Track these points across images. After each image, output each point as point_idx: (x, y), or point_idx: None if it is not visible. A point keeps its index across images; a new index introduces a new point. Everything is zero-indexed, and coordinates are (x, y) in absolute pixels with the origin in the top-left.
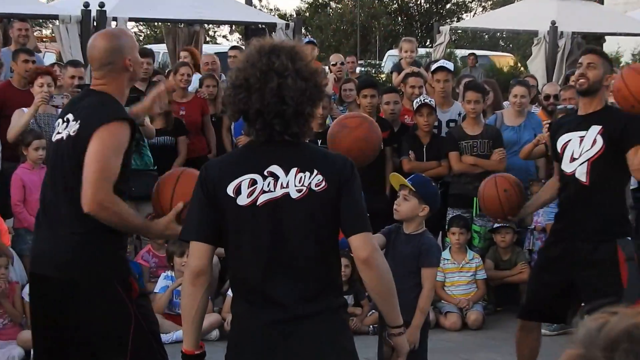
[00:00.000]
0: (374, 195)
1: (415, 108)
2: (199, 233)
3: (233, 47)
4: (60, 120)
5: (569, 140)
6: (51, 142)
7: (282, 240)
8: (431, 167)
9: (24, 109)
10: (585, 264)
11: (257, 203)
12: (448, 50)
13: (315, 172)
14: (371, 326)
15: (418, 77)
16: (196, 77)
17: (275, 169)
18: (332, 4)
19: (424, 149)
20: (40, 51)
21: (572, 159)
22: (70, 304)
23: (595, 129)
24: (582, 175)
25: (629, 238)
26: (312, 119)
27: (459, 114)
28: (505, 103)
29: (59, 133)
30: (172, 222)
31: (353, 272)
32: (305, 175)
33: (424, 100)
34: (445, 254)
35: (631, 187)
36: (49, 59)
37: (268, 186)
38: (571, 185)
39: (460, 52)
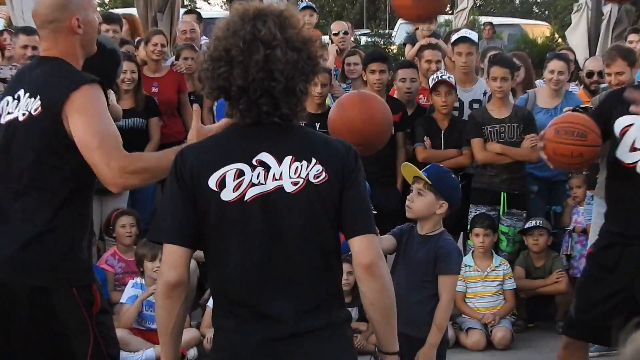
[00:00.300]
0: (383, 190)
1: (431, 86)
2: (174, 234)
3: (188, 12)
4: (8, 99)
5: (631, 125)
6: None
7: (276, 243)
8: (450, 156)
9: None
10: None
11: (245, 198)
12: (471, 17)
13: (314, 161)
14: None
15: (435, 50)
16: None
17: (265, 157)
18: None
19: (442, 134)
20: None
21: (634, 149)
22: (16, 313)
23: None
24: (628, 155)
25: None
26: (305, 97)
27: (484, 93)
28: (538, 81)
29: (9, 114)
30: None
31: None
32: (302, 165)
33: (441, 76)
34: (467, 259)
35: None
36: None
37: (258, 178)
38: (630, 179)
39: (486, 20)
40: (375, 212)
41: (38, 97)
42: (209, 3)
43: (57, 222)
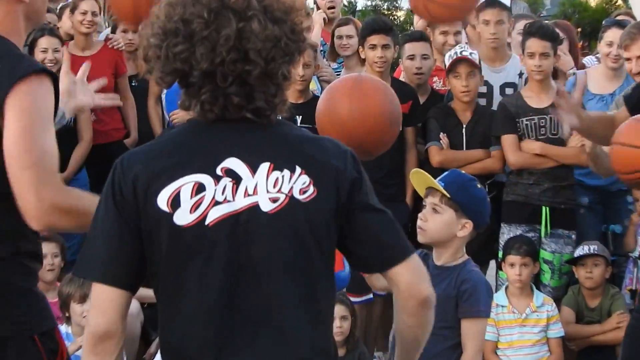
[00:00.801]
0: (388, 204)
1: (448, 66)
2: (105, 270)
3: None
4: None
5: None
6: None
7: (247, 280)
8: (474, 159)
9: None
10: None
11: (207, 221)
12: None
13: (299, 170)
14: None
15: None
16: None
17: (234, 164)
18: None
19: (464, 129)
20: None
21: None
22: None
23: None
24: None
25: None
26: (288, 85)
27: (520, 75)
28: (587, 59)
29: None
30: None
31: (353, 327)
32: (283, 176)
33: (462, 52)
34: (500, 297)
35: None
36: None
37: (223, 193)
38: None
39: None
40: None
41: None
42: None
43: (6, 251)
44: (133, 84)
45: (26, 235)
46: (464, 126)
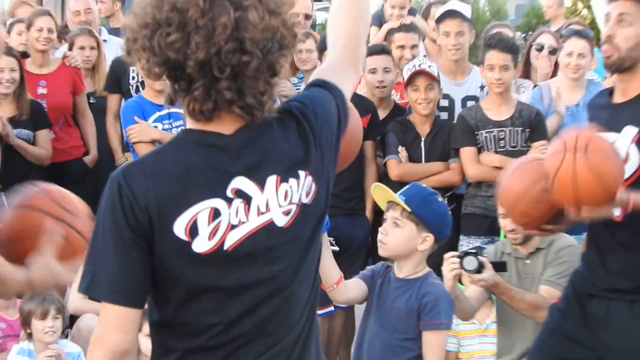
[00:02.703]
0: (348, 218)
1: (406, 79)
2: (126, 293)
3: None
4: None
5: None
6: None
7: (270, 297)
8: (434, 172)
9: None
10: None
11: (225, 247)
12: None
13: (302, 174)
14: None
15: (410, 33)
16: None
17: (242, 183)
18: None
19: (423, 143)
20: None
21: None
22: None
23: (630, 132)
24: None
25: None
26: (276, 79)
27: (481, 88)
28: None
29: None
30: (53, 261)
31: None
32: (290, 187)
33: (420, 65)
34: None
35: None
36: None
37: (237, 215)
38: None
39: None
40: (336, 248)
41: None
42: None
43: None
44: (91, 101)
45: None
46: (423, 139)
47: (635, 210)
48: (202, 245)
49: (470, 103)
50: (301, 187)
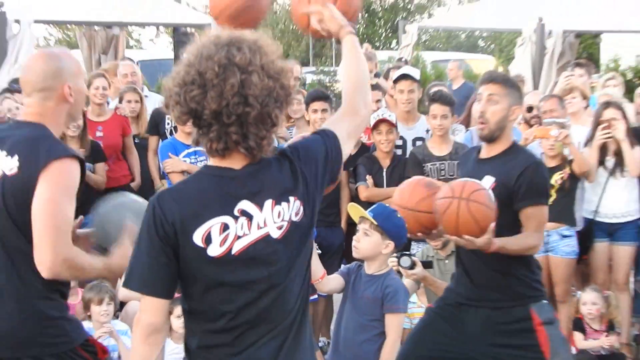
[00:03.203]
0: (328, 229)
1: (372, 125)
2: (154, 286)
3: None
4: None
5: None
6: None
7: (268, 291)
8: (392, 195)
9: None
10: None
11: (233, 252)
12: (415, 53)
13: (292, 199)
14: None
15: (375, 90)
16: None
17: (246, 205)
18: (280, 0)
19: (384, 172)
20: None
21: None
22: None
23: (488, 181)
24: None
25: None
26: (275, 129)
27: (427, 131)
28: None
29: None
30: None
31: None
32: (282, 209)
33: (382, 115)
34: (412, 296)
35: None
36: None
37: (242, 229)
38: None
39: (432, 56)
40: (319, 251)
41: (16, 157)
42: (154, 43)
43: (43, 287)
44: (136, 141)
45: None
46: (384, 170)
47: (501, 252)
48: (214, 250)
49: (418, 143)
50: (291, 209)
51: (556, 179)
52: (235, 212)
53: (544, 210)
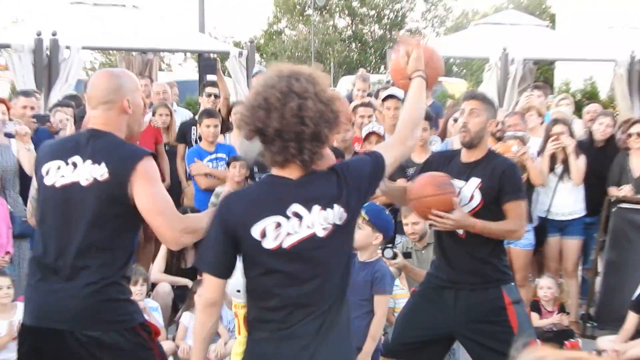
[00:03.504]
0: None
1: (364, 136)
2: (215, 268)
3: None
4: (59, 163)
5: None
6: (47, 187)
7: (313, 278)
8: (378, 195)
9: None
10: None
11: (284, 246)
12: None
13: (337, 206)
14: None
15: (367, 107)
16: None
17: (298, 208)
18: (287, 31)
19: None
20: None
21: None
22: (97, 356)
23: (474, 182)
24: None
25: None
26: (326, 145)
27: None
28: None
29: (63, 177)
30: None
31: None
32: (328, 214)
33: (372, 128)
34: (396, 281)
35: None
36: (2, 89)
37: (293, 228)
38: (444, 234)
39: None
40: None
41: (104, 164)
42: (182, 67)
43: (112, 273)
44: (166, 149)
45: (123, 267)
46: None
47: (482, 233)
48: (269, 243)
49: None
50: (335, 214)
51: None
52: (288, 213)
53: (522, 203)
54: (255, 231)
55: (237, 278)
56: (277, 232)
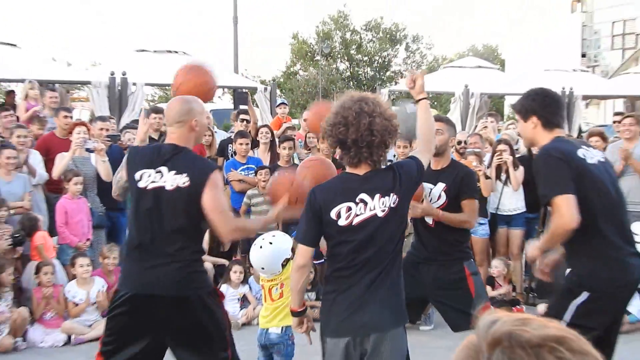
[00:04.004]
0: None
1: None
2: (305, 239)
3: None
4: (150, 170)
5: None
6: (140, 189)
7: (373, 248)
8: None
9: (64, 153)
10: None
11: (354, 223)
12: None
13: (393, 194)
14: None
15: None
16: None
17: (364, 196)
18: (301, 72)
19: None
20: (73, 108)
21: None
22: (186, 314)
23: (441, 185)
24: (429, 218)
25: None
26: (388, 150)
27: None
28: None
29: (153, 182)
30: (279, 212)
31: (315, 276)
32: (385, 199)
33: None
34: None
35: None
36: (84, 115)
37: (360, 210)
38: (420, 224)
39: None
40: None
41: (185, 174)
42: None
43: (194, 254)
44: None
45: (200, 249)
46: None
47: (443, 221)
48: (343, 222)
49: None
50: (391, 200)
51: None
52: (357, 200)
53: (475, 202)
54: (333, 213)
55: (260, 257)
56: (348, 213)
